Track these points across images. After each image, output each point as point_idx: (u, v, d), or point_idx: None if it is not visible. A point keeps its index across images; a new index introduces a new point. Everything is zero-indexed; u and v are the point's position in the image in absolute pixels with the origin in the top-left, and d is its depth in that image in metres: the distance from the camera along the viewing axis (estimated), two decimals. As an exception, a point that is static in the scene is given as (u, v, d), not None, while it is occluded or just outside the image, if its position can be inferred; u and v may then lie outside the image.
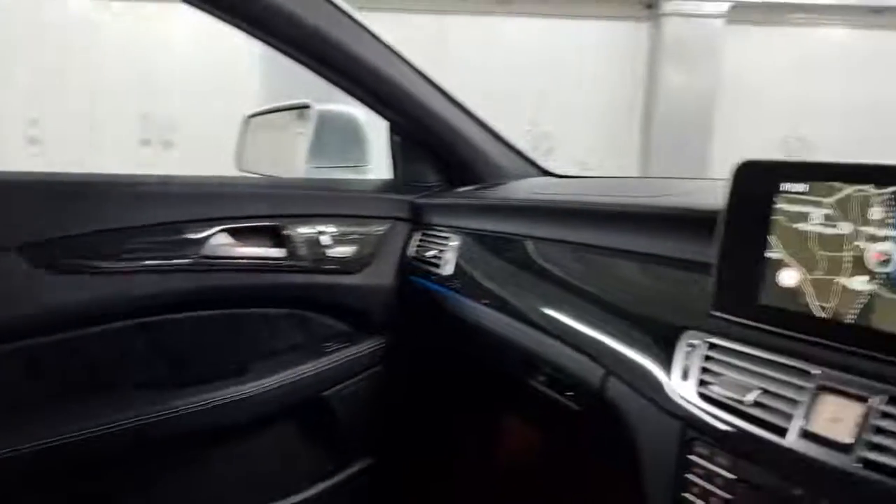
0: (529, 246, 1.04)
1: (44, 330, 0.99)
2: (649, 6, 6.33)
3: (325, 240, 1.20)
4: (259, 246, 1.16)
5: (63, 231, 0.98)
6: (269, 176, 1.43)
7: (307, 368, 1.19)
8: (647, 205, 0.89)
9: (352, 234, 1.23)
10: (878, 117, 6.52)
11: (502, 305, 1.03)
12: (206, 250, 1.10)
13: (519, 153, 1.29)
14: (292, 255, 1.17)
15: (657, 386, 0.75)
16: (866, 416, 0.58)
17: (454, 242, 1.17)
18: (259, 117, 1.50)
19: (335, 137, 1.36)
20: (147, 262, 1.05)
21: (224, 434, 1.15)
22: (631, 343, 0.82)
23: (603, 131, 6.61)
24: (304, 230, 1.19)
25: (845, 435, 0.58)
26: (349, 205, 1.25)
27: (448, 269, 1.15)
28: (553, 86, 6.44)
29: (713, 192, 0.73)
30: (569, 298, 0.94)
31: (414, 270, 1.24)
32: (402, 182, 1.36)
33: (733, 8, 6.12)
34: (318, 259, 1.20)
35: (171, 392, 1.08)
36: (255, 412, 1.15)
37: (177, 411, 1.06)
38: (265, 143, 1.48)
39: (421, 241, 1.25)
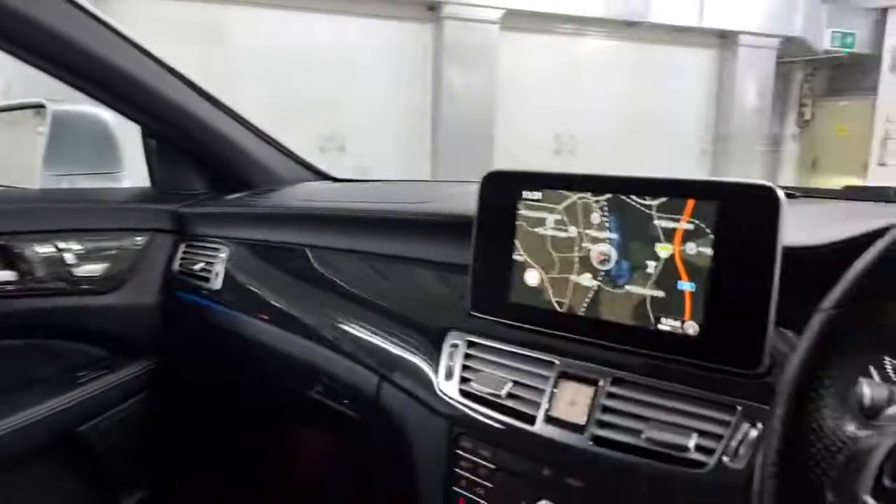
0: (302, 254, 1.01)
1: None
2: (431, 8, 6.58)
3: (69, 258, 1.06)
4: (-19, 270, 0.98)
5: None
6: (-3, 186, 1.22)
7: (57, 403, 1.05)
8: (410, 210, 0.91)
9: (104, 249, 1.10)
10: (634, 118, 7.54)
11: (276, 318, 1.00)
12: None
13: (293, 157, 1.25)
14: (27, 277, 1.02)
15: (426, 387, 0.77)
16: (595, 398, 0.65)
17: (223, 254, 1.10)
18: (-21, 117, 1.28)
19: (78, 140, 1.20)
20: None
21: None
22: (402, 348, 0.84)
23: (396, 132, 6.75)
24: (42, 248, 1.03)
25: (580, 416, 0.65)
26: (99, 217, 1.11)
27: (217, 282, 1.08)
28: (346, 87, 6.42)
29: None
30: (343, 306, 0.93)
31: (180, 285, 1.14)
32: (160, 190, 1.24)
33: (506, 15, 6.60)
34: (61, 280, 1.05)
35: None
36: None
37: None
38: (-11, 148, 1.27)
39: (186, 253, 1.16)
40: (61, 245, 1.05)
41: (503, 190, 0.74)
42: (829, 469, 0.36)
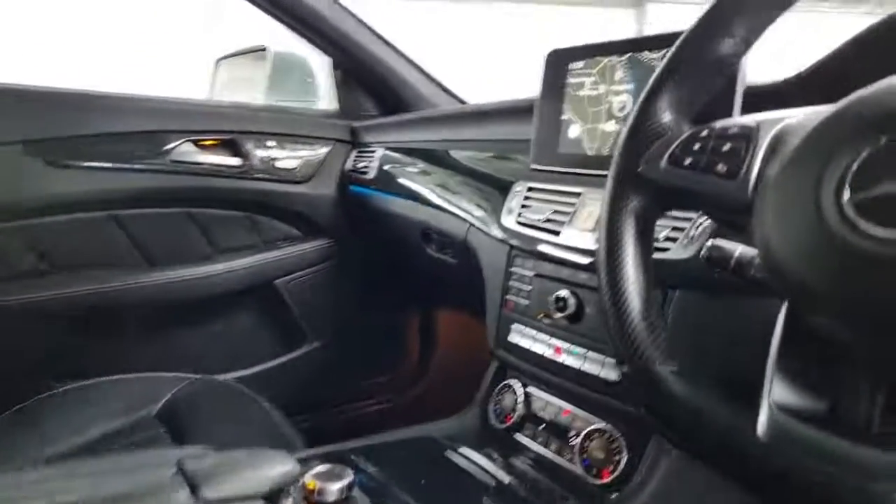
0: (423, 149, 1.32)
1: (38, 214, 1.25)
2: (635, -7, 6.57)
3: (276, 154, 1.46)
4: (219, 155, 1.42)
5: (59, 132, 1.25)
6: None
7: (260, 259, 1.46)
8: (495, 104, 1.17)
9: (301, 150, 1.49)
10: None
11: (406, 193, 1.30)
12: (174, 156, 1.36)
13: (437, 84, 1.54)
14: (247, 165, 1.43)
15: (496, 224, 1.01)
16: None
17: (378, 154, 1.43)
18: (226, 60, 1.77)
19: (289, 75, 1.62)
20: (123, 164, 1.31)
21: (190, 307, 1.41)
22: (484, 200, 1.08)
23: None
24: (259, 145, 1.44)
25: (592, 224, 0.84)
26: (300, 126, 1.50)
27: (372, 174, 1.41)
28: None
29: None
30: (449, 180, 1.21)
31: (351, 180, 1.50)
32: (343, 111, 1.62)
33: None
34: (270, 170, 1.46)
35: (141, 270, 1.35)
36: (216, 291, 1.41)
37: (147, 283, 1.33)
38: (230, 82, 1.75)
39: (357, 156, 1.51)
40: (271, 144, 1.45)
41: (558, 64, 0.94)
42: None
